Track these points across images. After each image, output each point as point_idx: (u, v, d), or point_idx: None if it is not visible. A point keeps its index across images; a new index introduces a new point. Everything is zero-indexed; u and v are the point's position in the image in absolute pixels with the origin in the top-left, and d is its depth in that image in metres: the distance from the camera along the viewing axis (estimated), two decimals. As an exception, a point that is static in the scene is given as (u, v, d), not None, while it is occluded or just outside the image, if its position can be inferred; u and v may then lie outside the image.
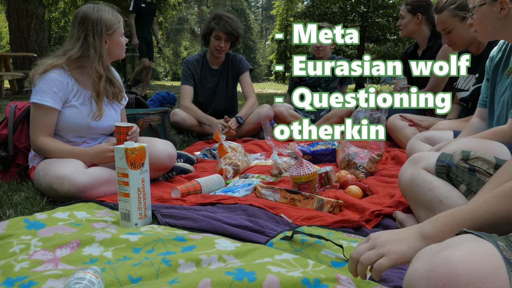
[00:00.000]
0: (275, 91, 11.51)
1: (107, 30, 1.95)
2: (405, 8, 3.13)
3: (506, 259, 0.69)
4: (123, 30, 2.05)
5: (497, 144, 1.44)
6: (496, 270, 0.68)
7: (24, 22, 7.97)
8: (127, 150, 1.43)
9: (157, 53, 17.79)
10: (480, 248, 0.71)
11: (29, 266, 1.14)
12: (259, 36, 43.57)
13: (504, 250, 0.70)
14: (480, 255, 0.70)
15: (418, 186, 1.30)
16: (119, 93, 2.13)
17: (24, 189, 1.91)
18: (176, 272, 1.12)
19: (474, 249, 0.71)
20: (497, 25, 1.50)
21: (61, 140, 1.96)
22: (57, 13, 14.74)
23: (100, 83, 1.96)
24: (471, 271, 0.68)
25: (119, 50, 2.04)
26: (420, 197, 1.30)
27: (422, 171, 1.32)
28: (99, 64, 1.94)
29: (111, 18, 1.97)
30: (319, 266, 1.14)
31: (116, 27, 1.99)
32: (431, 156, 1.37)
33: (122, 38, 2.04)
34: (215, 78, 3.55)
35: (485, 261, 0.69)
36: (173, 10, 13.41)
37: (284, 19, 19.55)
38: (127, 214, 1.47)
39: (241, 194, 1.89)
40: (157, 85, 12.50)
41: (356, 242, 1.33)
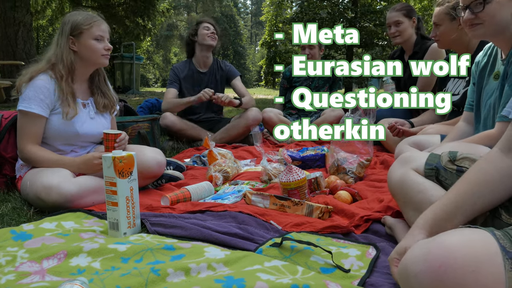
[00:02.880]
0: (265, 96, 11.53)
1: (73, 31, 1.92)
2: (400, 14, 3.11)
3: (502, 246, 0.69)
4: (97, 33, 1.95)
5: (484, 148, 1.45)
6: (491, 255, 0.68)
7: (11, 30, 7.89)
8: (115, 158, 1.42)
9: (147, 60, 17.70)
10: (476, 235, 0.72)
11: (16, 278, 1.13)
12: (249, 42, 43.71)
13: (500, 239, 0.71)
14: (476, 240, 0.70)
15: (408, 187, 1.30)
16: (111, 107, 2.12)
17: (11, 199, 1.89)
18: (165, 282, 1.11)
19: (471, 235, 0.72)
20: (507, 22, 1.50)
21: (49, 149, 1.94)
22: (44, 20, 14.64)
23: (62, 83, 1.91)
24: (467, 254, 0.68)
25: (91, 54, 1.95)
26: (410, 198, 1.30)
27: (412, 172, 1.32)
28: (60, 65, 1.92)
29: (79, 19, 1.93)
30: (308, 272, 1.14)
31: (84, 28, 1.93)
32: (420, 157, 1.37)
33: (94, 41, 1.94)
34: (205, 81, 3.55)
35: (481, 246, 0.69)
36: (162, 17, 13.38)
37: (273, 25, 19.60)
38: (115, 223, 1.45)
39: (230, 201, 1.88)
40: (147, 92, 12.46)
41: (345, 248, 1.34)
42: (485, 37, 1.61)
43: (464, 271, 0.67)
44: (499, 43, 1.64)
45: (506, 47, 1.59)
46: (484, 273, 0.67)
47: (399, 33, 3.14)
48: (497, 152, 1.02)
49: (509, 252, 0.69)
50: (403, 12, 3.11)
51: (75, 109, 1.94)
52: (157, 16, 12.67)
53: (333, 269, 1.19)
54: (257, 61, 32.67)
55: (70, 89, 1.93)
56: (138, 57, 12.08)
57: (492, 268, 0.67)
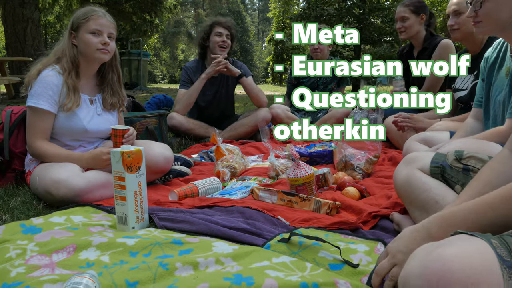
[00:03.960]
0: (272, 93, 11.51)
1: (73, 26, 1.93)
2: (407, 10, 3.10)
3: (499, 255, 0.69)
4: (93, 27, 1.92)
5: (493, 145, 1.44)
6: (489, 266, 0.68)
7: (20, 26, 7.94)
8: (123, 153, 1.42)
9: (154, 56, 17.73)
10: (473, 245, 0.71)
11: (26, 271, 1.14)
12: (256, 38, 43.63)
13: (497, 247, 0.70)
14: (473, 251, 0.70)
15: (413, 186, 1.30)
16: (120, 106, 2.13)
17: (20, 194, 1.90)
18: (173, 276, 1.11)
19: (467, 246, 0.71)
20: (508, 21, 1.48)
21: (58, 144, 1.96)
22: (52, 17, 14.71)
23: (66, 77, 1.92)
24: (464, 267, 0.68)
25: (86, 48, 1.94)
26: (415, 197, 1.29)
27: (417, 171, 1.32)
28: (64, 59, 1.93)
29: (78, 14, 1.93)
30: (316, 269, 1.14)
31: (81, 22, 1.92)
32: (425, 157, 1.36)
33: (90, 35, 1.92)
34: (215, 86, 3.51)
35: (478, 257, 0.69)
36: (169, 13, 13.38)
37: (280, 21, 19.57)
38: (124, 217, 1.46)
39: (238, 196, 1.89)
40: (154, 88, 12.49)
41: (353, 244, 1.33)
42: (490, 33, 1.59)
43: (462, 285, 0.67)
44: (506, 39, 1.62)
45: None
46: (483, 285, 0.66)
47: (404, 28, 3.13)
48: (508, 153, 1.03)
49: (506, 261, 0.68)
50: (411, 8, 3.09)
51: (74, 101, 1.92)
52: (164, 13, 12.67)
53: (342, 265, 1.19)
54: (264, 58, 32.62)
55: (73, 83, 1.93)
56: (145, 53, 12.11)
57: (490, 279, 0.67)
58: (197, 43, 3.55)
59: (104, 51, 1.95)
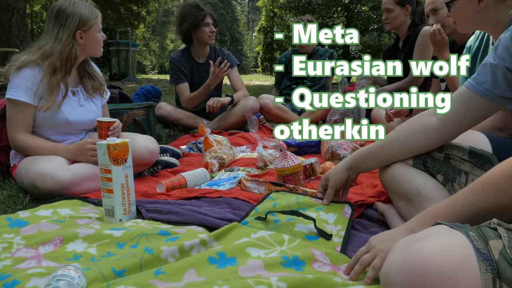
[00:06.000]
0: (262, 83, 11.49)
1: (82, 26, 1.92)
2: (392, 1, 3.11)
3: (476, 248, 0.71)
4: (100, 26, 2.01)
5: (476, 133, 1.46)
6: (466, 259, 0.70)
7: (5, 16, 7.81)
8: (109, 146, 1.42)
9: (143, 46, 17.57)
10: (451, 239, 0.74)
11: (12, 263, 1.14)
12: (246, 27, 43.37)
13: (474, 240, 0.72)
14: (451, 245, 0.72)
15: (396, 177, 1.33)
16: (100, 87, 2.12)
17: (6, 187, 1.89)
18: (159, 260, 1.13)
19: (445, 240, 0.73)
20: (477, 17, 1.52)
21: None
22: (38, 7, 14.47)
23: (50, 76, 1.89)
24: (443, 262, 0.70)
25: (95, 46, 2.00)
26: (398, 188, 1.32)
27: (400, 163, 1.34)
28: (57, 58, 1.89)
29: (87, 13, 1.93)
30: (294, 241, 1.21)
31: (92, 22, 1.95)
32: None
33: (99, 34, 2.00)
34: (202, 73, 3.52)
35: (456, 251, 0.71)
36: (156, 3, 13.23)
37: (269, 10, 19.43)
38: (111, 210, 1.46)
39: (226, 187, 1.90)
40: (143, 79, 12.39)
41: (322, 210, 1.43)
42: (469, 30, 1.65)
43: (441, 278, 0.69)
44: (485, 30, 1.66)
45: (494, 34, 1.60)
46: (461, 278, 0.69)
47: (389, 20, 3.17)
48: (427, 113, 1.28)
49: (483, 253, 0.70)
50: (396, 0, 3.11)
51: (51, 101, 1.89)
52: (151, 2, 12.53)
53: (317, 237, 1.28)
54: (254, 47, 32.47)
55: (56, 82, 1.91)
56: (134, 43, 11.96)
57: (468, 272, 0.69)
58: (180, 31, 3.54)
59: None
